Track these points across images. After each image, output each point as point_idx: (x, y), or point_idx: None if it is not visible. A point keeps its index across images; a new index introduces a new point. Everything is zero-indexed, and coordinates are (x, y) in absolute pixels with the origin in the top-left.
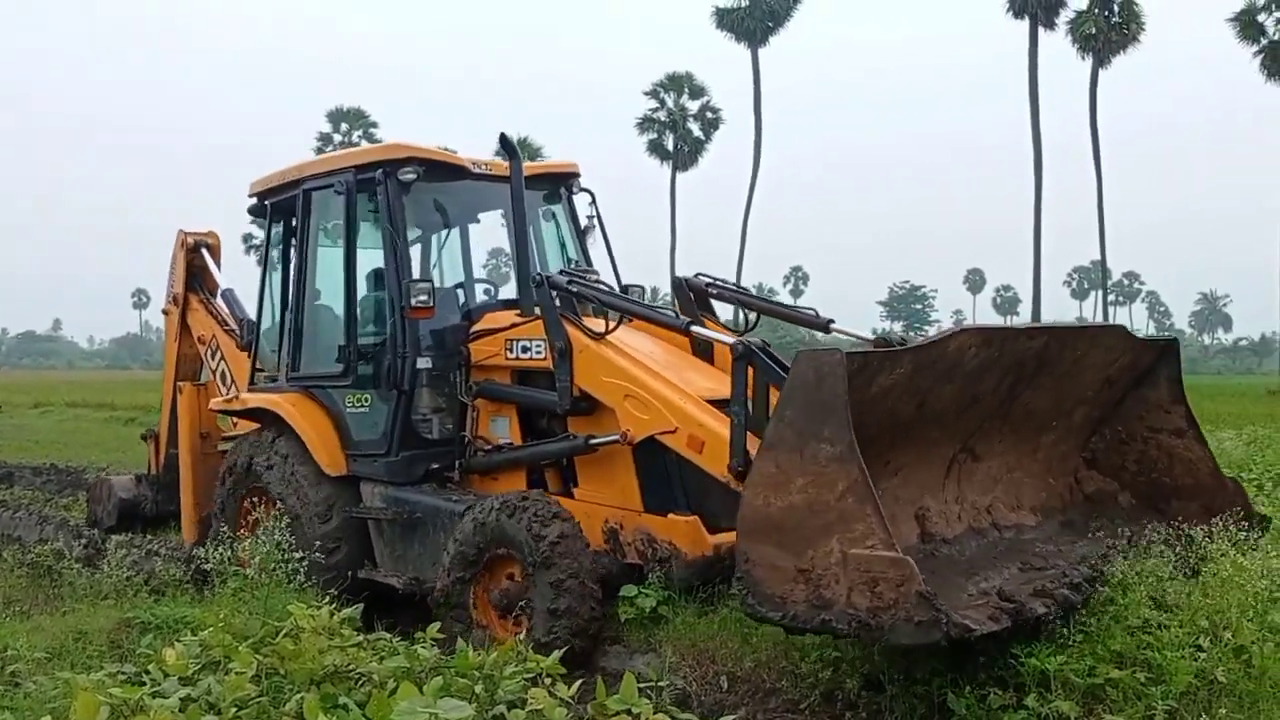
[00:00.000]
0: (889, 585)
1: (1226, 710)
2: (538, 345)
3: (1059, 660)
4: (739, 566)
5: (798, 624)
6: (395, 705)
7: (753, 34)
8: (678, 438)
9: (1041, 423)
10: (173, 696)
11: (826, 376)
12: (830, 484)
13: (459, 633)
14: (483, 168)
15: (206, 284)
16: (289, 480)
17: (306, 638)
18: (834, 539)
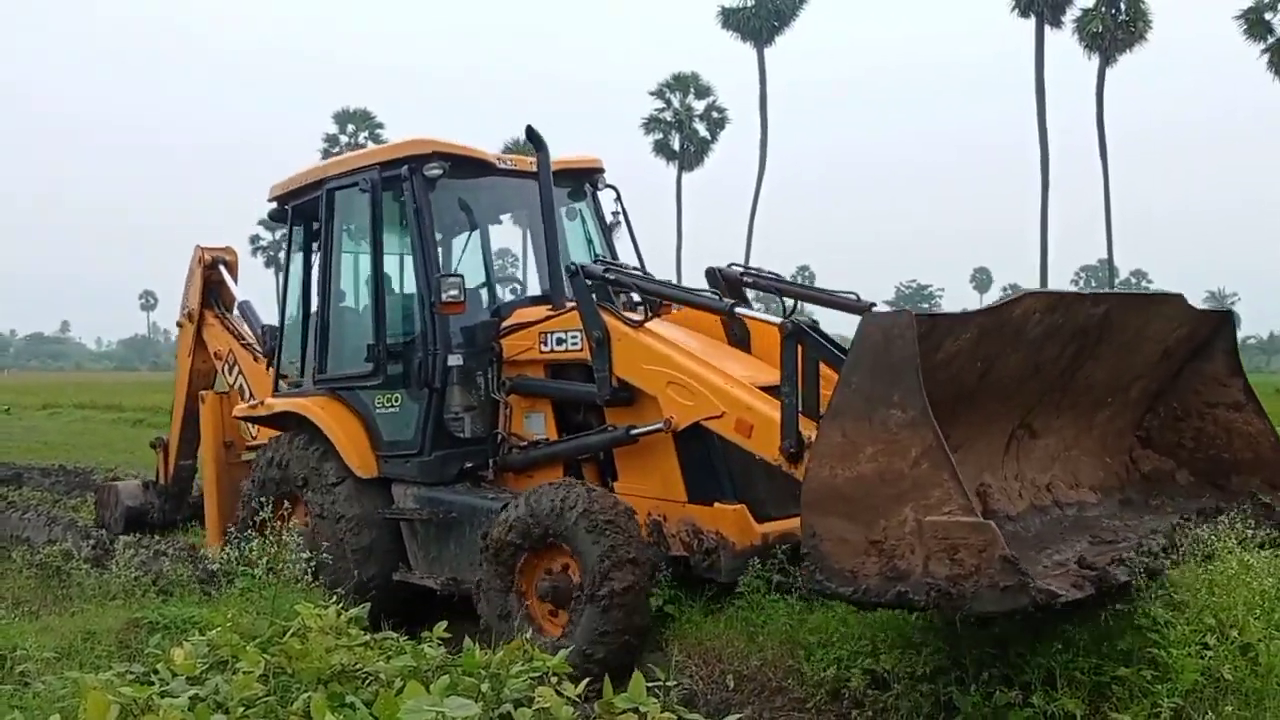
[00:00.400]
0: (970, 551)
1: (1233, 708)
2: (573, 336)
3: (1065, 658)
4: (805, 542)
5: (870, 598)
6: (402, 704)
7: (758, 33)
8: (725, 422)
9: (1099, 397)
10: (181, 696)
11: (896, 339)
12: (903, 451)
13: (497, 625)
14: (508, 163)
15: (223, 299)
16: (318, 485)
17: (314, 637)
18: (908, 507)
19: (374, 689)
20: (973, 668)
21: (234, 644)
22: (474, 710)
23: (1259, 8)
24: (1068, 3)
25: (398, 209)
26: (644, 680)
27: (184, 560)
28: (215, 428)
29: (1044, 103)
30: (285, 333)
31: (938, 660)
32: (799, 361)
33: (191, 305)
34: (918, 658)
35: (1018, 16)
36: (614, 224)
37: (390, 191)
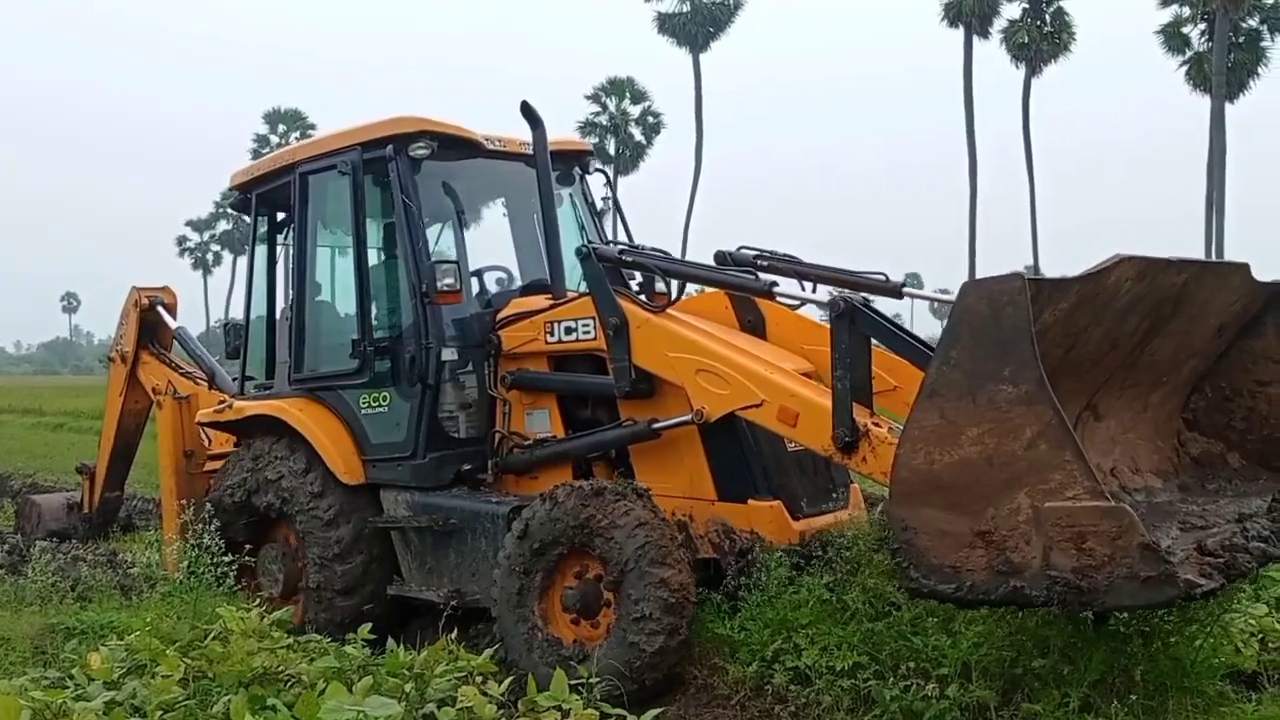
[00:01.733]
0: (1101, 540)
1: (1138, 697)
2: (585, 325)
3: (981, 651)
4: (896, 536)
5: (977, 595)
6: (323, 704)
7: (694, 39)
8: (765, 411)
9: (1157, 377)
10: (97, 700)
11: (1006, 307)
12: (1014, 431)
13: (516, 639)
14: (497, 143)
15: (160, 339)
16: (301, 497)
17: (235, 640)
18: (1021, 493)
19: (296, 691)
20: (891, 662)
21: (153, 648)
22: (395, 710)
23: (1178, 22)
24: (995, 14)
25: (379, 193)
26: (566, 678)
27: (103, 565)
28: (175, 435)
29: (973, 112)
30: (250, 331)
31: (857, 656)
32: (850, 343)
33: (126, 347)
34: (838, 654)
35: (947, 27)
36: (604, 210)
37: (371, 174)
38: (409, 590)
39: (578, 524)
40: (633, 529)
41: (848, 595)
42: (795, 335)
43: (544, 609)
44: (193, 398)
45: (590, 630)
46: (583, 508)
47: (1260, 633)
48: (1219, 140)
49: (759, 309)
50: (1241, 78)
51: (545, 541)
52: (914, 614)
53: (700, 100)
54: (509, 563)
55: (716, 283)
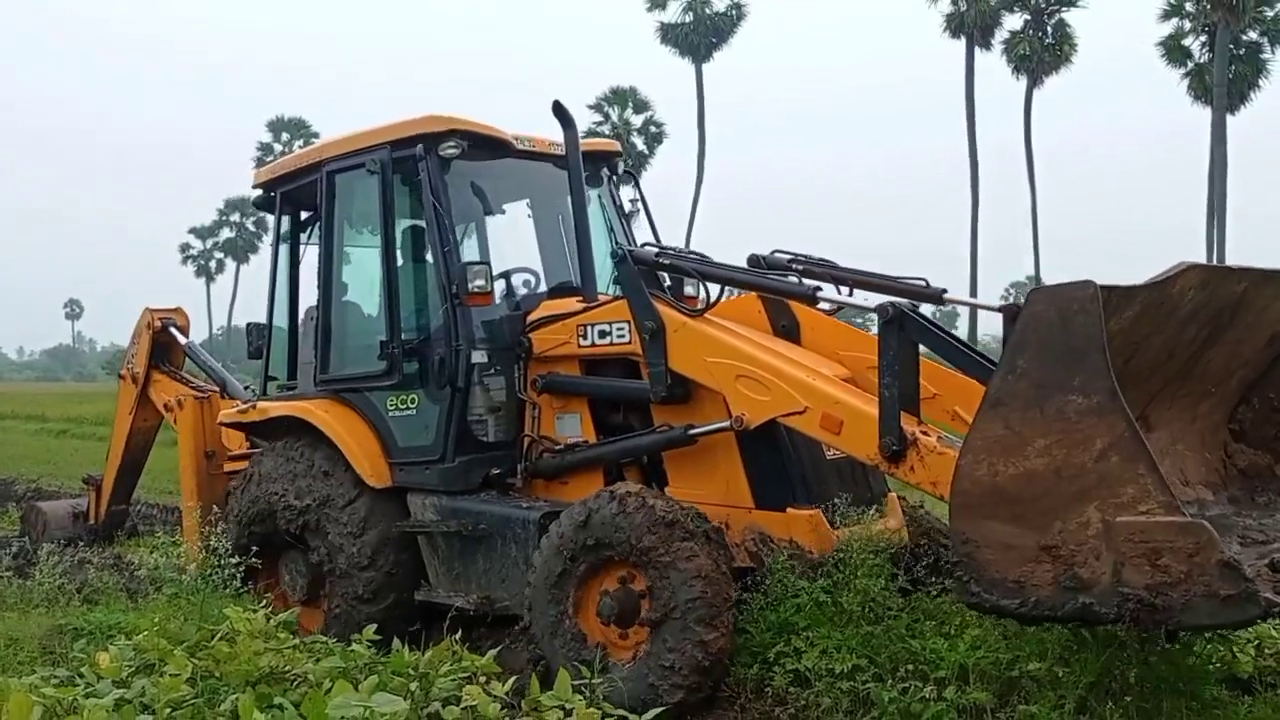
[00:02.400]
0: (1178, 556)
1: (1132, 699)
2: (620, 329)
3: (978, 654)
4: (956, 550)
5: (1042, 611)
6: (330, 702)
7: (696, 50)
8: (808, 419)
9: (1207, 387)
10: (107, 697)
11: (1076, 315)
12: (1084, 442)
13: (549, 626)
14: (526, 143)
15: (173, 359)
16: (332, 505)
17: (242, 641)
18: (1091, 506)
19: (302, 690)
20: (889, 665)
21: (160, 648)
22: (402, 706)
23: (1178, 35)
24: (996, 25)
25: (407, 192)
26: (570, 677)
27: (109, 568)
28: (195, 436)
29: (974, 123)
30: (273, 331)
31: (856, 659)
32: (899, 350)
33: (137, 368)
34: (837, 656)
35: (949, 38)
36: (633, 212)
37: (400, 173)
38: (436, 596)
39: (638, 546)
40: (690, 578)
41: (842, 598)
42: (830, 340)
43: (578, 599)
44: (213, 397)
45: (617, 639)
46: (648, 533)
47: (1257, 639)
48: (1220, 151)
49: (793, 313)
50: (1242, 89)
51: (601, 541)
52: (911, 617)
53: (703, 111)
54: (559, 543)
55: (758, 286)
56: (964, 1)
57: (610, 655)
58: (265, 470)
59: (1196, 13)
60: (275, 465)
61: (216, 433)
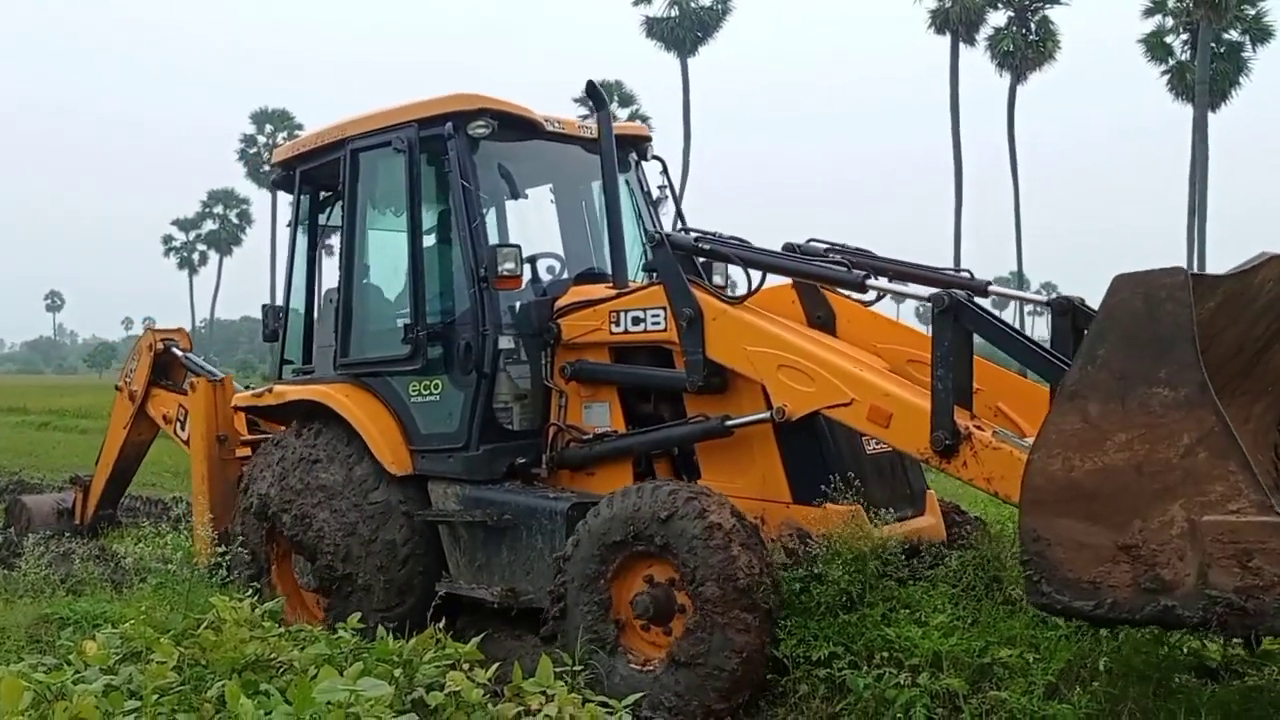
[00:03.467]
0: (1271, 558)
1: (1100, 684)
2: (654, 315)
3: (951, 641)
4: (1026, 548)
5: (1119, 613)
6: (316, 686)
7: (682, 44)
8: (854, 411)
9: (1263, 387)
10: (95, 683)
11: (1165, 303)
12: (1170, 437)
13: (582, 648)
14: (556, 125)
15: (173, 377)
16: (342, 484)
17: (228, 629)
18: (1176, 505)
19: (288, 678)
20: (865, 652)
21: (147, 636)
22: (386, 690)
23: (1160, 32)
24: (981, 21)
25: (434, 172)
26: (551, 664)
27: (94, 559)
28: (207, 420)
29: (959, 118)
30: (289, 314)
31: (833, 646)
32: (953, 340)
33: (136, 386)
34: (815, 644)
35: (934, 34)
36: (660, 198)
37: (427, 153)
38: (458, 588)
39: (689, 565)
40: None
41: (815, 591)
42: (867, 332)
43: (616, 584)
44: (227, 380)
45: (640, 634)
46: (713, 554)
47: None
48: (1201, 149)
49: (829, 304)
50: (1224, 87)
51: (644, 536)
52: (887, 606)
53: (688, 105)
54: (573, 565)
55: (804, 273)
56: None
57: (624, 651)
58: (280, 456)
59: (1178, 10)
60: (291, 451)
61: (229, 417)
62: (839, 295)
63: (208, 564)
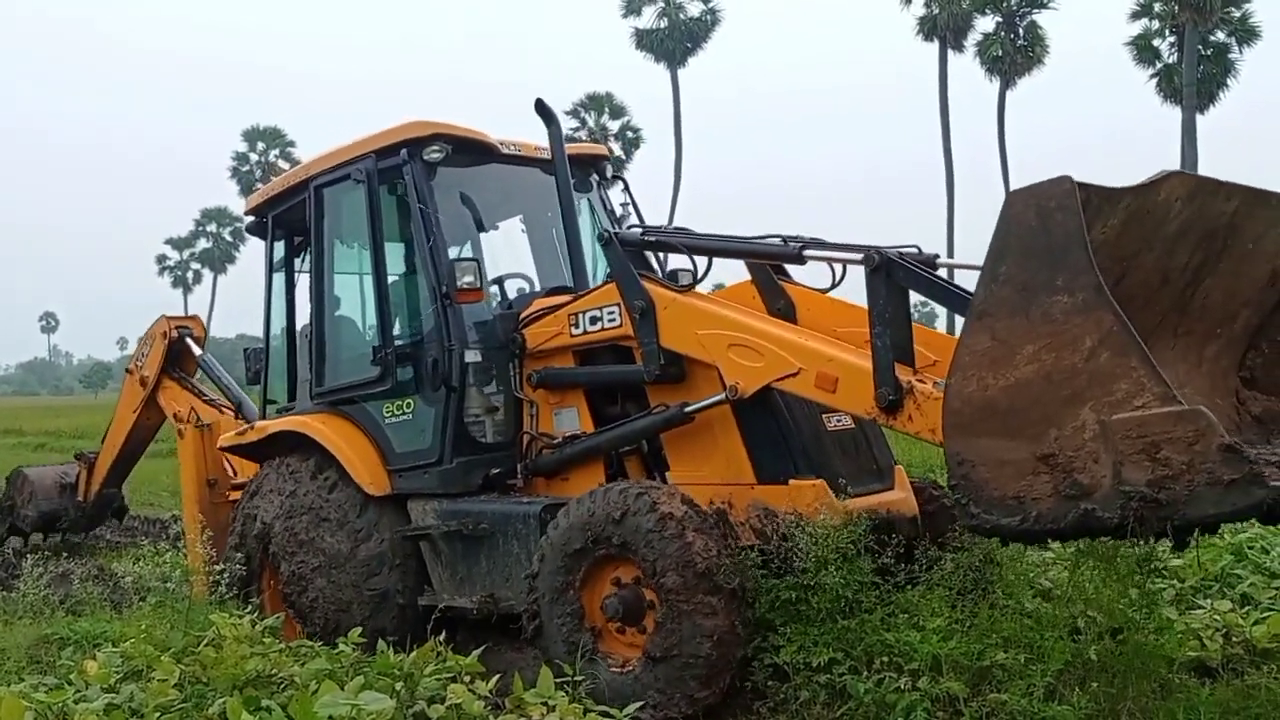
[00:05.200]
0: (1178, 446)
1: (1099, 685)
2: (610, 312)
3: (950, 645)
4: (953, 473)
5: (1044, 525)
6: (317, 702)
7: (672, 55)
8: (803, 380)
9: (1209, 327)
10: (97, 702)
11: (1055, 212)
12: (1073, 342)
13: (557, 651)
14: (512, 148)
15: (185, 368)
16: (318, 501)
17: (229, 646)
18: (1085, 408)
19: (289, 693)
20: (864, 657)
21: (148, 654)
22: (388, 704)
23: (1147, 35)
24: (969, 28)
25: (394, 200)
26: (552, 674)
27: (93, 580)
28: (197, 465)
29: (949, 124)
30: (271, 354)
31: (832, 652)
32: (888, 298)
33: (148, 372)
34: (814, 650)
35: (922, 41)
36: (624, 216)
37: (386, 183)
38: (440, 600)
39: (649, 559)
40: (704, 637)
41: (811, 598)
42: (827, 318)
43: (586, 591)
44: (215, 426)
45: (617, 637)
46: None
47: (1225, 627)
48: (1190, 150)
49: (788, 295)
50: (1211, 90)
51: (603, 539)
52: (885, 611)
53: (679, 116)
54: (543, 569)
55: (745, 253)
56: (936, 5)
57: (594, 641)
58: (264, 487)
59: (1165, 13)
60: (273, 482)
61: (218, 460)
62: (797, 286)
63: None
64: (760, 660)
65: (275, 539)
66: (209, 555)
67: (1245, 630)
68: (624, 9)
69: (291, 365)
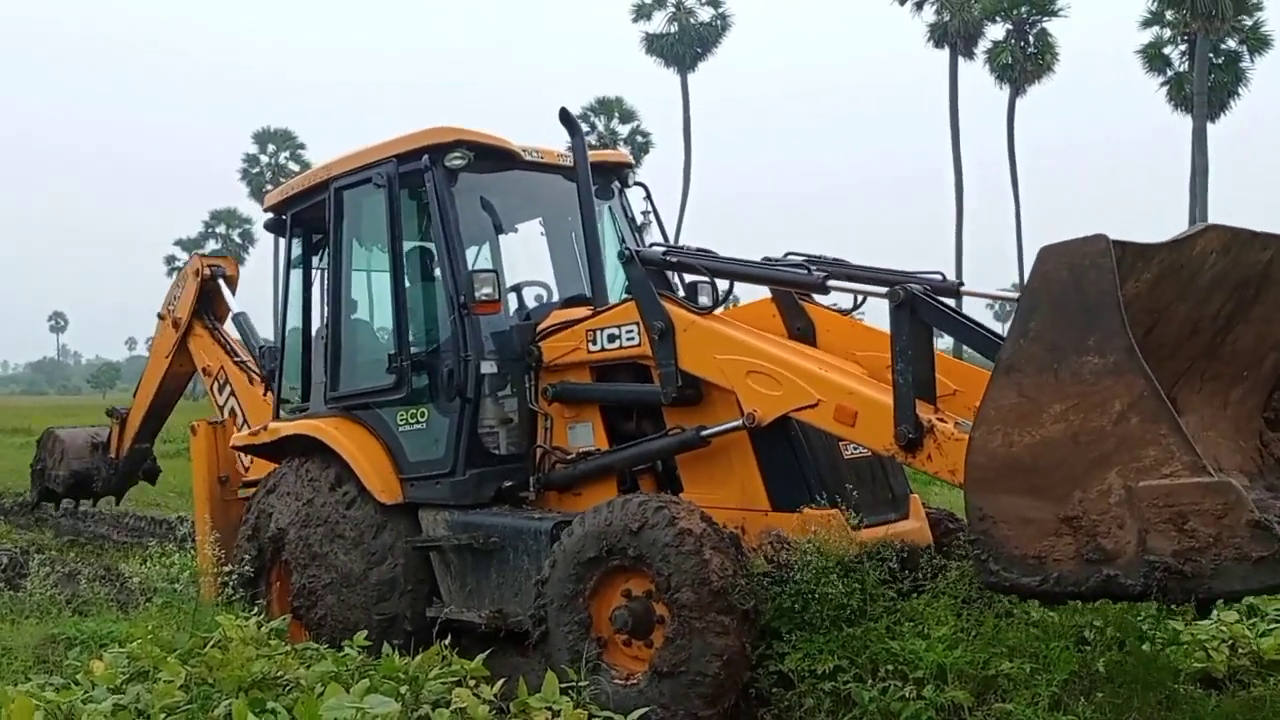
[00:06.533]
0: (1206, 519)
1: (1104, 695)
2: (629, 331)
3: (955, 654)
4: (973, 527)
5: (1065, 587)
6: (323, 704)
7: (681, 60)
8: (821, 412)
9: (1238, 371)
10: (105, 703)
11: (1089, 271)
12: (1103, 404)
13: (563, 662)
14: (535, 155)
15: (216, 312)
16: (335, 515)
17: (235, 647)
18: (1112, 472)
19: (295, 695)
20: (869, 665)
21: (154, 655)
22: (393, 708)
23: (1158, 43)
24: (979, 35)
25: (415, 206)
26: (557, 680)
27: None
28: (208, 461)
29: (958, 130)
30: (286, 353)
31: (838, 660)
32: (911, 334)
33: (180, 313)
34: (820, 658)
35: (933, 48)
36: (645, 224)
37: (407, 188)
38: (449, 613)
39: (664, 573)
40: (714, 655)
41: (811, 607)
42: (847, 341)
43: (595, 601)
44: (228, 423)
45: (622, 649)
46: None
47: (1231, 639)
48: (1201, 159)
49: (808, 316)
50: (1222, 98)
51: (618, 549)
52: (891, 619)
53: (689, 121)
54: (552, 581)
55: (768, 279)
56: (947, 12)
57: (614, 660)
58: (281, 487)
59: (1176, 21)
60: (291, 484)
61: (230, 458)
62: (818, 307)
63: (216, 602)
64: (765, 667)
65: (289, 546)
66: (218, 556)
67: (1252, 642)
68: (634, 14)
69: (306, 366)
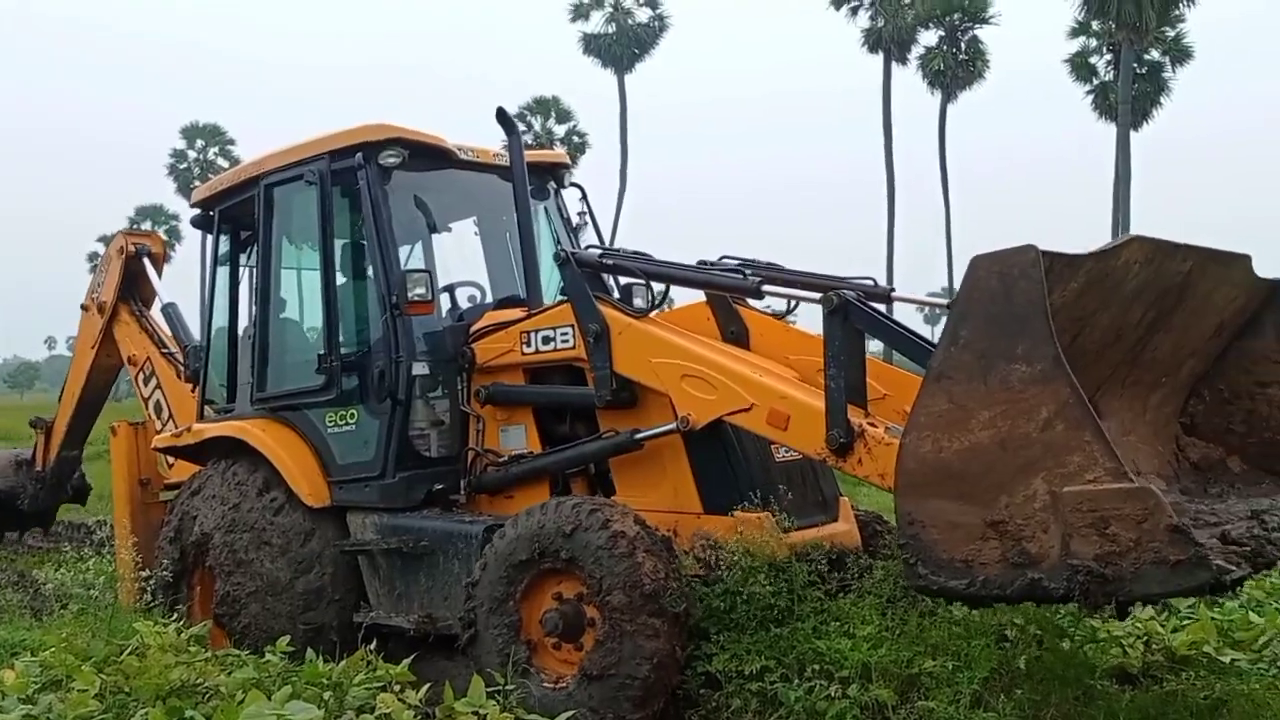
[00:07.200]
0: (1126, 524)
1: (1023, 692)
2: (564, 333)
3: (880, 653)
4: (903, 532)
5: (991, 590)
6: (243, 712)
7: (619, 60)
8: (754, 416)
9: (1156, 377)
10: (13, 714)
11: (1019, 281)
12: (1029, 412)
13: (494, 667)
14: (470, 153)
15: (142, 294)
16: (262, 521)
17: (152, 655)
18: (1038, 478)
19: (215, 703)
20: (796, 665)
21: (68, 664)
22: (316, 714)
23: (1085, 52)
24: (913, 41)
25: (347, 204)
26: (484, 684)
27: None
28: (129, 463)
29: (891, 137)
30: (212, 353)
31: (765, 660)
32: (844, 340)
33: (105, 296)
34: (747, 658)
35: (867, 53)
36: (580, 225)
37: (339, 185)
38: (377, 618)
39: (596, 575)
40: (644, 658)
41: (742, 608)
42: (780, 345)
43: (525, 604)
44: (150, 423)
45: (552, 653)
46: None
47: (1145, 636)
48: (1124, 166)
49: (742, 319)
50: (1145, 107)
51: (550, 552)
52: (818, 619)
53: (625, 122)
54: (482, 585)
55: (703, 283)
56: (882, 17)
57: (543, 664)
58: (205, 490)
59: (1102, 32)
60: (216, 487)
61: (151, 460)
62: (752, 311)
63: (135, 608)
64: (693, 669)
65: (213, 551)
66: (137, 561)
67: (1165, 638)
68: (571, 14)
69: (233, 366)
